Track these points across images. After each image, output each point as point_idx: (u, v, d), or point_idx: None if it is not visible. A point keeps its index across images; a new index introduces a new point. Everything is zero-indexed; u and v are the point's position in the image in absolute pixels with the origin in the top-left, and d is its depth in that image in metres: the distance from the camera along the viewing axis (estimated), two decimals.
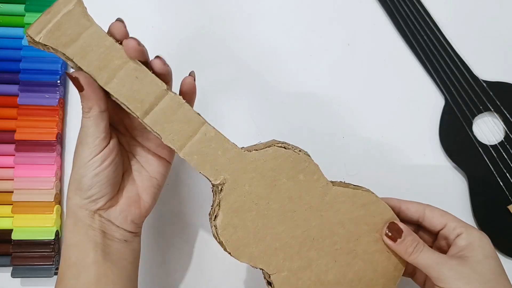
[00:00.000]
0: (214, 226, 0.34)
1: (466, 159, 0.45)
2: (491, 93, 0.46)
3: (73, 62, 0.32)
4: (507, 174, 0.44)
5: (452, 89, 0.46)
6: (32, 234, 0.42)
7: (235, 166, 0.34)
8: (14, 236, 0.42)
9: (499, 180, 0.44)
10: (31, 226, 0.43)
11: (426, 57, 0.47)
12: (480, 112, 0.46)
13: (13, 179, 0.43)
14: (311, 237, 0.35)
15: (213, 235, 0.34)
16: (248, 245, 0.34)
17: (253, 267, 0.35)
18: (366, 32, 0.48)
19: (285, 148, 0.34)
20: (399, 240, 0.35)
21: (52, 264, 0.42)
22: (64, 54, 0.32)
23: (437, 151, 0.46)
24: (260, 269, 0.35)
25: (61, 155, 0.45)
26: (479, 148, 0.45)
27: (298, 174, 0.35)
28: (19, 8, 0.45)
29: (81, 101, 0.32)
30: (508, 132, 0.45)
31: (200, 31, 0.48)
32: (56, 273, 0.43)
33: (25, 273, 0.43)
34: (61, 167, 0.45)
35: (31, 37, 0.32)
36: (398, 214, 0.37)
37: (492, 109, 0.46)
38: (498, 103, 0.46)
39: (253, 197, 0.34)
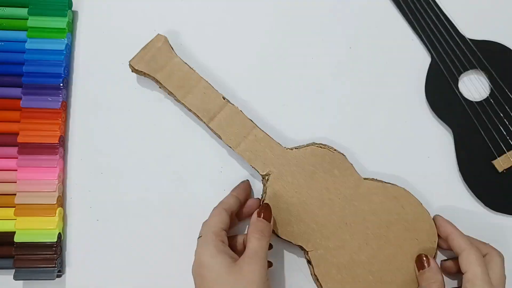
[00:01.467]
0: None
1: (452, 115, 0.45)
2: (477, 51, 0.46)
3: (160, 83, 0.43)
4: (492, 130, 0.44)
5: (439, 47, 0.46)
6: (35, 237, 0.43)
7: (279, 161, 0.42)
8: (17, 238, 0.42)
9: (484, 136, 0.44)
10: (33, 229, 0.43)
11: (413, 15, 0.47)
12: (466, 69, 0.46)
13: (15, 182, 0.43)
14: (345, 222, 0.41)
15: None
16: (290, 224, 0.40)
17: (293, 244, 0.40)
18: None
19: (321, 148, 0.42)
20: (421, 271, 0.39)
21: (54, 267, 0.42)
22: (154, 78, 0.43)
23: (423, 107, 0.47)
24: (299, 246, 0.40)
25: (64, 157, 0.45)
26: (465, 105, 0.45)
27: (333, 169, 0.41)
28: (22, 11, 0.46)
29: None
30: (493, 89, 0.45)
31: (200, 32, 0.48)
32: (58, 276, 0.43)
33: (28, 276, 0.42)
34: (63, 170, 0.45)
35: (133, 67, 0.43)
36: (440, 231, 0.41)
37: (478, 67, 0.46)
38: (484, 61, 0.46)
39: (295, 186, 0.41)
